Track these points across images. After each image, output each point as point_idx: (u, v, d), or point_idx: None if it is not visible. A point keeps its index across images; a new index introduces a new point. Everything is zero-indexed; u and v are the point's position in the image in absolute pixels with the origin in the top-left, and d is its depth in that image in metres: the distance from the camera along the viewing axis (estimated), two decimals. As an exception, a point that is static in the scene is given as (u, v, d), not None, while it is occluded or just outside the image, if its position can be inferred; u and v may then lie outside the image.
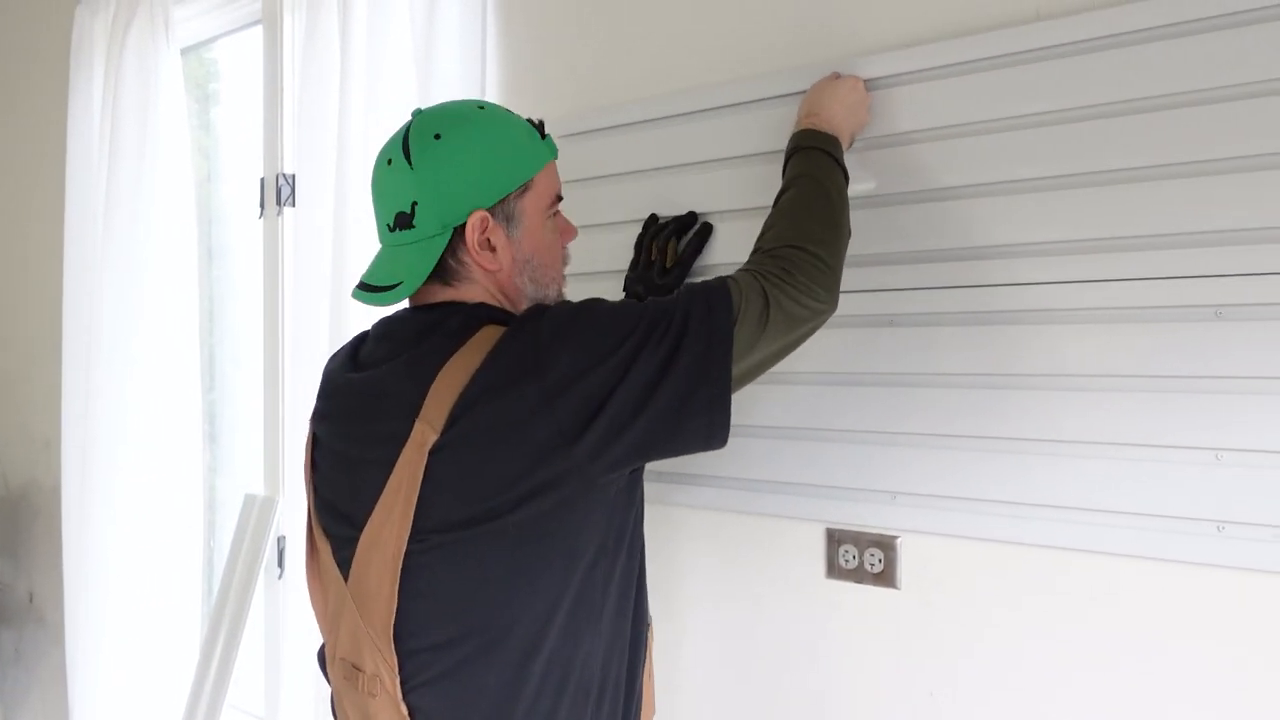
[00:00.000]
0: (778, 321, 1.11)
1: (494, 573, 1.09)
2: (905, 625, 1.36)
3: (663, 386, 1.06)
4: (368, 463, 1.14)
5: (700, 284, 1.13)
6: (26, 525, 3.18)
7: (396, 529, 1.09)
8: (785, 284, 1.13)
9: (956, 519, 1.30)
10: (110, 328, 2.52)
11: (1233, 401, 1.11)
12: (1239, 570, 1.12)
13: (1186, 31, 1.13)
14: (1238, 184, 1.10)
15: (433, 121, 1.17)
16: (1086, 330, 1.20)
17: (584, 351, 1.06)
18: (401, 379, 1.12)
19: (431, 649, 1.11)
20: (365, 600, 1.13)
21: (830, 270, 1.17)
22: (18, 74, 3.17)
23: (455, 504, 1.08)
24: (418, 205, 1.14)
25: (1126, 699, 1.20)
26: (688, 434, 1.09)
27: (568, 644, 1.13)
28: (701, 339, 1.07)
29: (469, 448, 1.06)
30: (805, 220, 1.20)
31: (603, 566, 1.15)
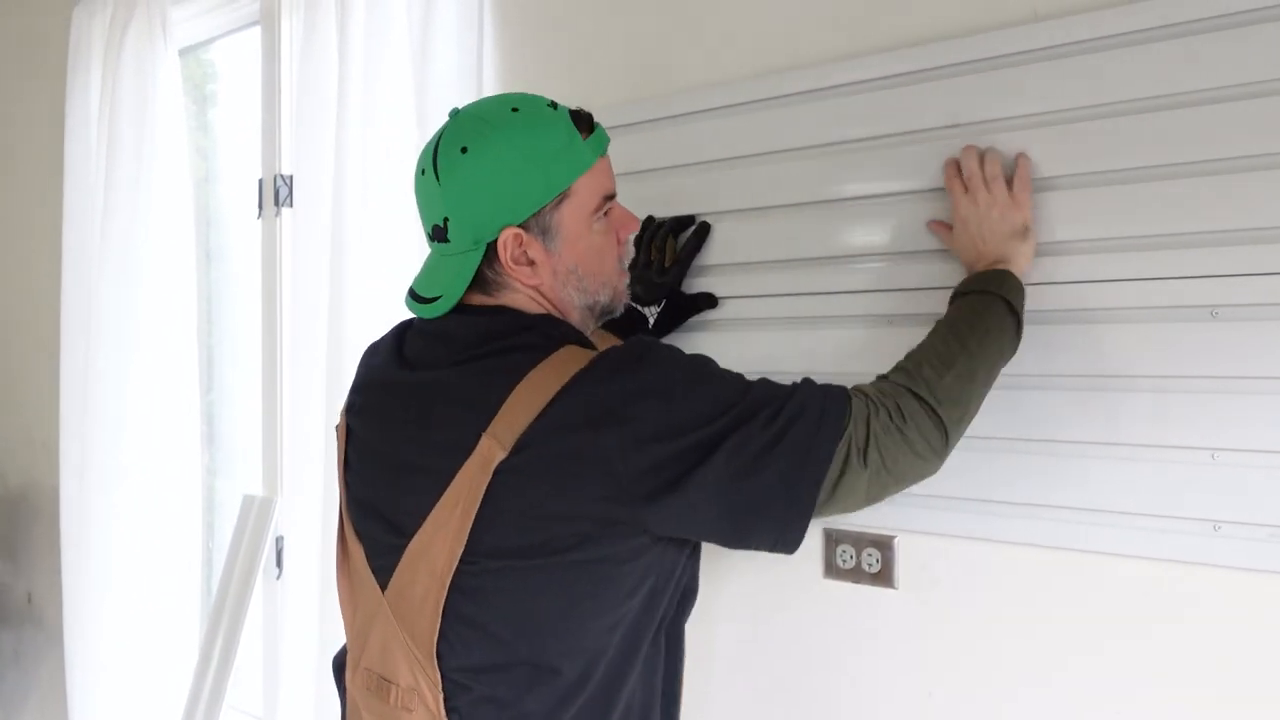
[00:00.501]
0: (879, 473, 1.04)
1: (546, 606, 1.05)
2: (903, 625, 1.36)
3: (743, 486, 1.00)
4: (420, 469, 1.09)
5: (820, 387, 1.06)
6: (25, 526, 3.18)
7: (449, 545, 1.04)
8: (901, 435, 1.05)
9: (953, 519, 1.30)
10: (108, 329, 2.52)
11: (1228, 401, 1.11)
12: (1235, 569, 1.12)
13: (1185, 32, 1.13)
14: (1233, 184, 1.11)
15: (463, 130, 1.11)
16: (1082, 330, 1.20)
17: (677, 414, 1.01)
18: (471, 387, 1.07)
19: (472, 671, 1.07)
20: (407, 613, 1.09)
21: (948, 447, 1.09)
22: (15, 75, 3.16)
23: (513, 531, 1.03)
24: (449, 221, 1.10)
25: (1123, 698, 1.20)
26: (753, 542, 1.05)
27: (615, 677, 1.10)
28: (799, 452, 1.01)
29: (536, 476, 1.01)
30: (955, 376, 1.09)
31: (654, 604, 1.12)
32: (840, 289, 1.38)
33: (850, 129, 1.37)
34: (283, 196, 2.22)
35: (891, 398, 1.06)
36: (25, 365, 3.16)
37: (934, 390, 1.07)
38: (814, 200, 1.40)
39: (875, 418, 1.04)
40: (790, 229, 1.42)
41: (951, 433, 1.07)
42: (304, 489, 2.05)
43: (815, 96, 1.40)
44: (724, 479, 1.00)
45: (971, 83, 1.27)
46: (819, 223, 1.40)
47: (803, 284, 1.41)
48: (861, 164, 1.36)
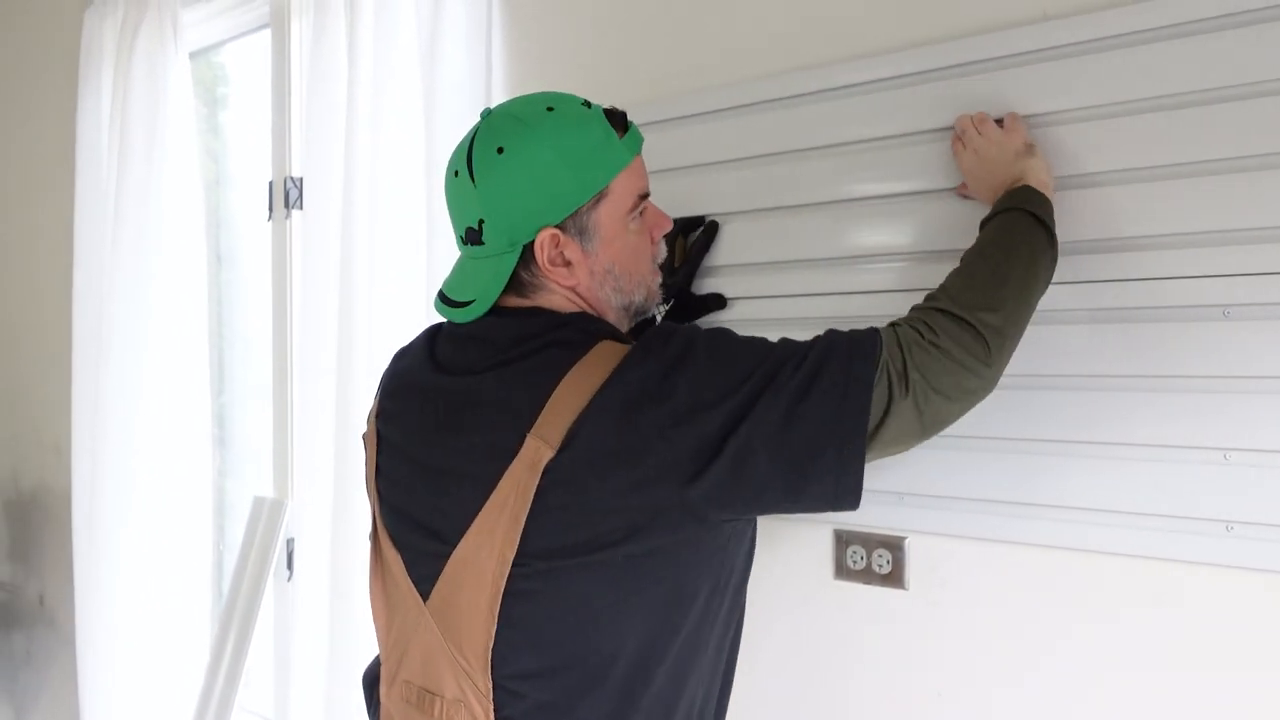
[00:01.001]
0: (926, 394, 1.01)
1: (599, 606, 1.03)
2: (913, 626, 1.36)
3: (787, 439, 0.98)
4: (461, 475, 1.07)
5: (843, 332, 1.04)
6: (37, 528, 3.20)
7: (499, 550, 1.02)
8: (936, 348, 1.02)
9: (964, 519, 1.30)
10: (120, 332, 2.53)
11: (1241, 401, 1.11)
12: (1248, 570, 1.11)
13: (1194, 31, 1.12)
14: (1245, 183, 1.10)
15: (498, 130, 1.09)
16: (1094, 330, 1.20)
17: (708, 383, 1.00)
18: (510, 389, 1.05)
19: (524, 678, 1.05)
20: (453, 622, 1.06)
21: (995, 354, 1.05)
22: (27, 78, 3.18)
23: (564, 529, 1.01)
24: (484, 223, 1.08)
25: (1135, 699, 1.19)
26: (811, 495, 1.00)
27: (674, 683, 1.07)
28: (838, 389, 0.98)
29: (583, 471, 1.00)
30: (982, 283, 1.08)
31: (713, 605, 1.10)
32: (853, 289, 1.37)
33: (861, 129, 1.36)
34: (293, 199, 2.22)
35: (919, 319, 1.04)
36: (37, 368, 3.17)
37: (960, 301, 1.05)
38: (826, 201, 1.40)
39: (904, 339, 1.02)
40: (802, 230, 1.42)
41: (992, 341, 1.03)
42: (315, 491, 2.05)
43: (825, 97, 1.39)
44: (767, 434, 0.98)
45: (982, 82, 1.27)
46: (831, 223, 1.39)
47: (814, 285, 1.41)
48: (873, 164, 1.36)
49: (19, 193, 3.23)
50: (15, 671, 3.30)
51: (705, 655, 1.10)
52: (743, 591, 1.17)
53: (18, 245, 3.25)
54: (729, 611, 1.14)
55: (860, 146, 1.36)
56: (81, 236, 2.71)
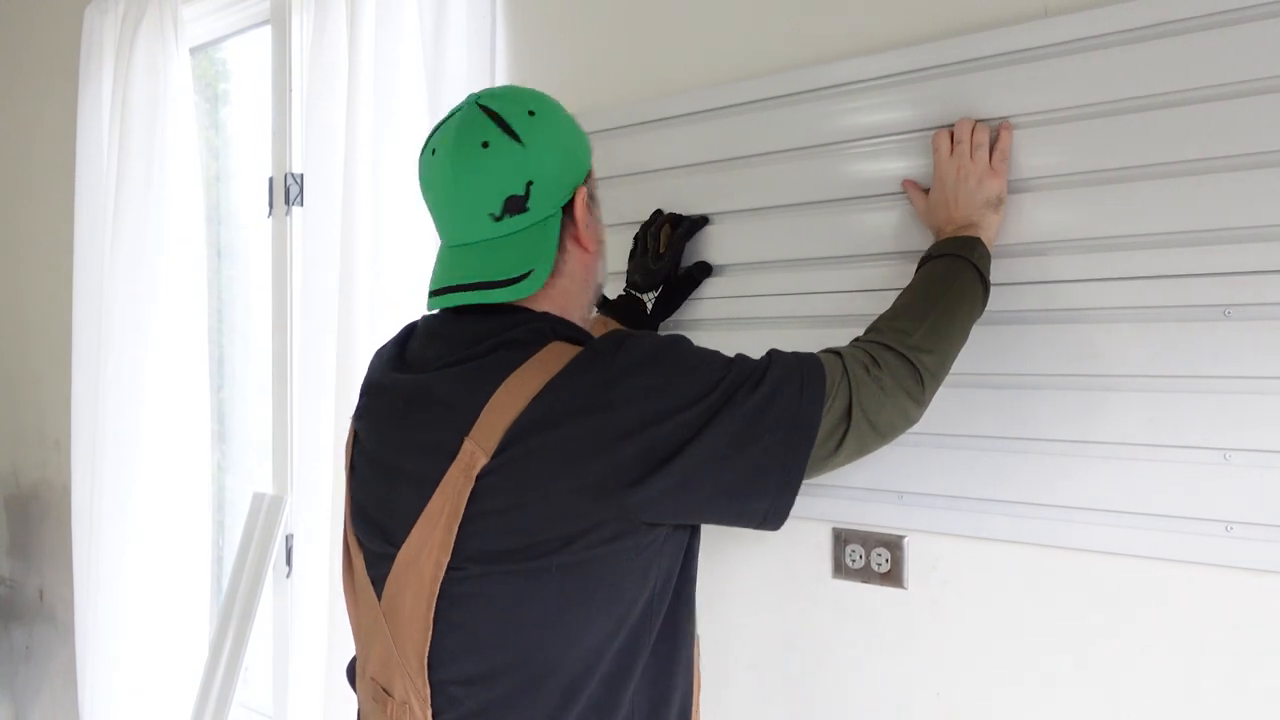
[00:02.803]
0: (860, 426, 1.05)
1: (535, 612, 1.02)
2: (912, 625, 1.36)
3: (735, 461, 1.00)
4: (407, 475, 1.06)
5: (793, 355, 1.06)
6: (37, 523, 3.20)
7: (435, 554, 1.01)
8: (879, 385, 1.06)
9: (963, 519, 1.30)
10: (120, 327, 2.53)
11: (1241, 401, 1.10)
12: (1247, 570, 1.11)
13: (1195, 28, 1.12)
14: (1246, 181, 1.10)
15: (513, 100, 1.08)
16: (1093, 330, 1.20)
17: (660, 396, 0.99)
18: (454, 388, 1.04)
19: (463, 683, 1.04)
20: (398, 624, 1.06)
21: (926, 394, 1.11)
22: (27, 74, 3.18)
23: (499, 535, 1.00)
24: (533, 185, 1.05)
25: (1133, 699, 1.19)
26: (747, 514, 1.04)
27: (610, 692, 1.05)
28: (789, 417, 1.01)
29: (520, 477, 0.98)
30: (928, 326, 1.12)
31: (651, 613, 1.08)
32: (845, 288, 1.37)
33: (856, 127, 1.36)
34: (293, 195, 2.22)
35: (865, 352, 1.08)
36: (37, 364, 3.17)
37: (906, 340, 1.09)
38: (822, 200, 1.39)
39: (852, 373, 1.05)
40: (797, 228, 1.42)
41: (928, 382, 1.10)
42: (314, 487, 2.05)
43: (822, 95, 1.39)
44: (717, 454, 0.99)
45: (980, 79, 1.26)
46: (825, 222, 1.39)
47: (805, 284, 1.42)
48: (867, 162, 1.36)
49: (19, 189, 3.23)
50: (15, 667, 3.30)
51: (641, 662, 1.08)
52: (686, 600, 1.13)
53: (18, 241, 3.25)
54: (670, 620, 1.11)
55: (857, 145, 1.36)
56: (82, 232, 2.72)
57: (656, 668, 1.10)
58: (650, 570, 1.06)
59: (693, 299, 1.53)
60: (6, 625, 3.31)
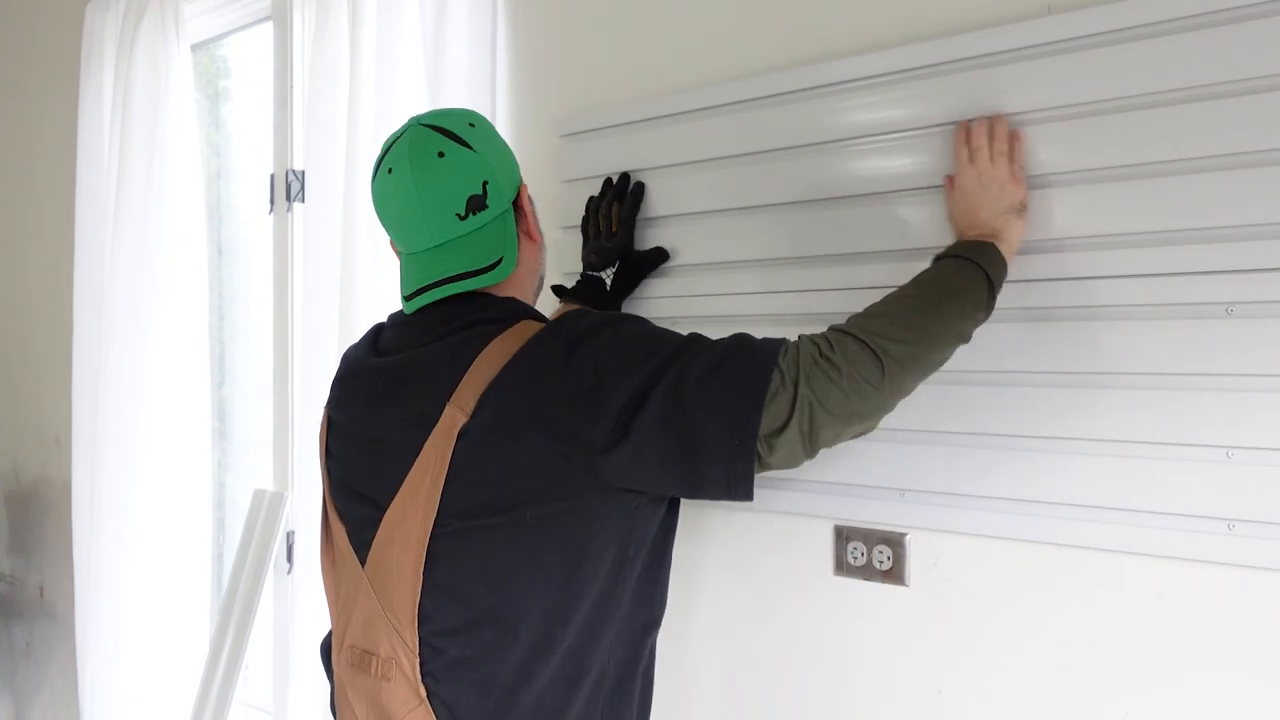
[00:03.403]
0: (807, 406, 1.03)
1: (510, 564, 1.10)
2: (913, 623, 1.36)
3: (685, 421, 1.03)
4: (393, 445, 1.15)
5: (747, 335, 1.10)
6: (37, 520, 3.20)
7: (422, 512, 1.10)
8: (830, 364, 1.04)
9: (965, 516, 1.30)
10: (120, 324, 2.53)
11: (1244, 399, 1.10)
12: (1249, 568, 1.11)
13: (1199, 25, 1.12)
14: (1250, 179, 1.10)
15: (452, 117, 1.21)
16: (1096, 327, 1.19)
17: (613, 362, 1.06)
18: (437, 363, 1.13)
19: (447, 634, 1.12)
20: (385, 582, 1.14)
21: (888, 382, 1.05)
22: (29, 71, 3.18)
23: (477, 490, 1.09)
24: (489, 183, 1.18)
25: (1136, 697, 1.19)
26: (707, 480, 1.05)
27: (585, 641, 1.14)
28: (734, 381, 1.03)
29: (494, 434, 1.07)
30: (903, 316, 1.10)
31: (625, 571, 1.16)
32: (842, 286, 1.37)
33: (854, 125, 1.36)
34: (294, 192, 2.22)
35: (823, 335, 1.08)
36: (38, 360, 3.17)
37: (869, 327, 1.07)
38: (824, 198, 1.39)
39: (803, 353, 1.05)
40: (797, 225, 1.42)
41: (889, 368, 1.05)
42: (315, 484, 2.05)
43: (825, 93, 1.39)
44: (664, 415, 1.04)
45: (982, 77, 1.26)
46: (827, 220, 1.39)
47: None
48: (865, 161, 1.35)
49: (20, 186, 3.23)
50: (15, 663, 3.30)
51: (617, 618, 1.16)
52: (661, 564, 1.23)
53: (19, 238, 3.25)
54: (643, 580, 1.19)
55: (855, 143, 1.36)
56: (82, 230, 2.71)
57: (632, 629, 1.19)
58: (621, 533, 1.14)
59: (685, 296, 1.53)
60: (7, 622, 3.31)
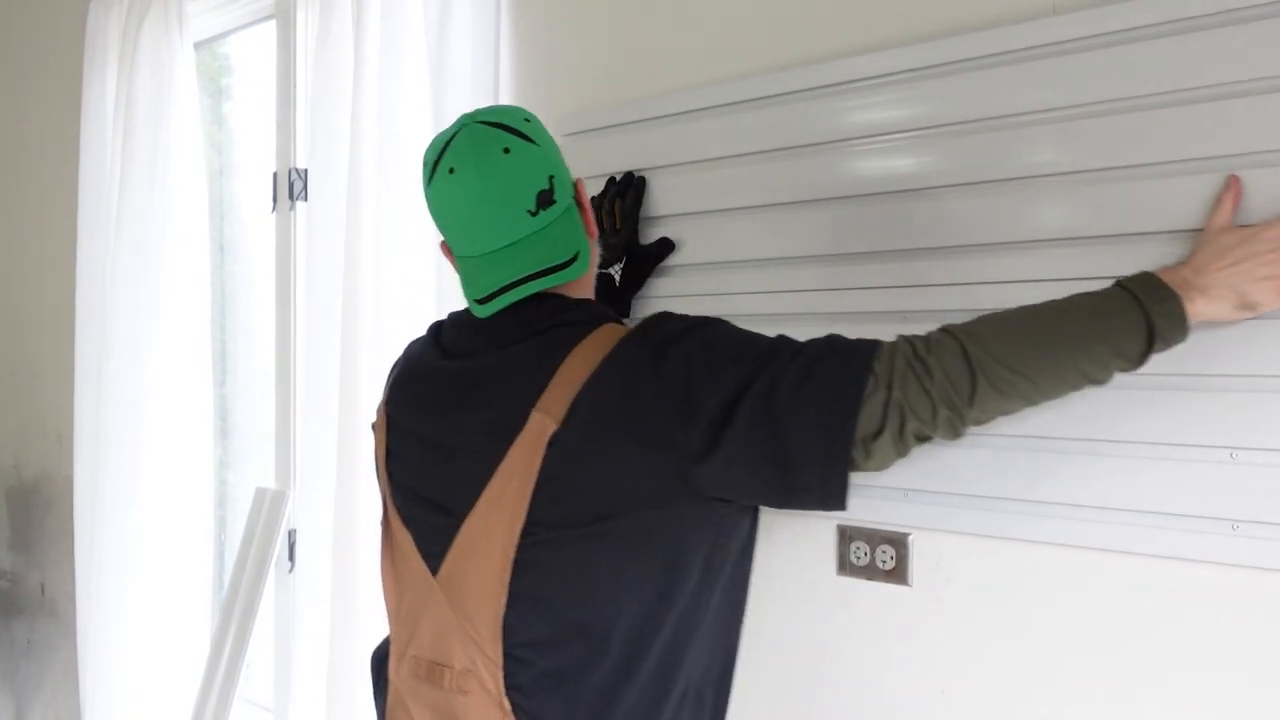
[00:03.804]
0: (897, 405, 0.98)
1: (600, 575, 1.07)
2: (917, 622, 1.36)
3: (776, 431, 0.99)
4: (469, 452, 1.12)
5: (846, 338, 1.05)
6: (39, 517, 3.20)
7: (507, 521, 1.07)
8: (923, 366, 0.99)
9: (969, 516, 1.29)
10: (123, 322, 2.53)
11: (1248, 400, 1.10)
12: (1253, 569, 1.11)
13: (1194, 28, 1.12)
14: (1254, 181, 1.09)
15: (507, 113, 1.16)
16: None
17: (704, 367, 1.03)
18: (518, 367, 1.10)
19: (531, 645, 1.08)
20: (462, 593, 1.11)
21: (977, 403, 0.98)
22: (32, 69, 3.18)
23: (568, 499, 1.06)
24: (554, 178, 1.14)
25: (1140, 697, 1.19)
26: (799, 489, 1.01)
27: (673, 654, 1.10)
28: (829, 386, 0.99)
29: (586, 442, 1.05)
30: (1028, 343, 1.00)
31: (712, 582, 1.12)
32: (853, 285, 1.37)
33: (859, 125, 1.36)
34: (297, 190, 2.22)
35: (929, 335, 1.02)
36: (40, 357, 3.18)
37: (982, 339, 0.99)
38: (828, 197, 1.39)
39: (899, 350, 1.00)
40: (802, 225, 1.42)
41: (980, 393, 0.97)
42: (317, 483, 2.05)
43: (823, 94, 1.39)
44: (757, 422, 1.00)
45: (985, 78, 1.26)
46: (830, 220, 1.39)
47: (803, 282, 1.42)
48: (871, 160, 1.35)
49: (23, 183, 3.23)
50: (16, 661, 3.30)
51: (702, 630, 1.13)
52: (743, 573, 1.20)
53: (21, 235, 3.25)
54: (726, 590, 1.16)
55: (860, 143, 1.36)
56: (85, 227, 2.72)
57: (713, 638, 1.16)
58: (709, 543, 1.10)
59: (693, 295, 1.53)
60: (8, 619, 3.31)
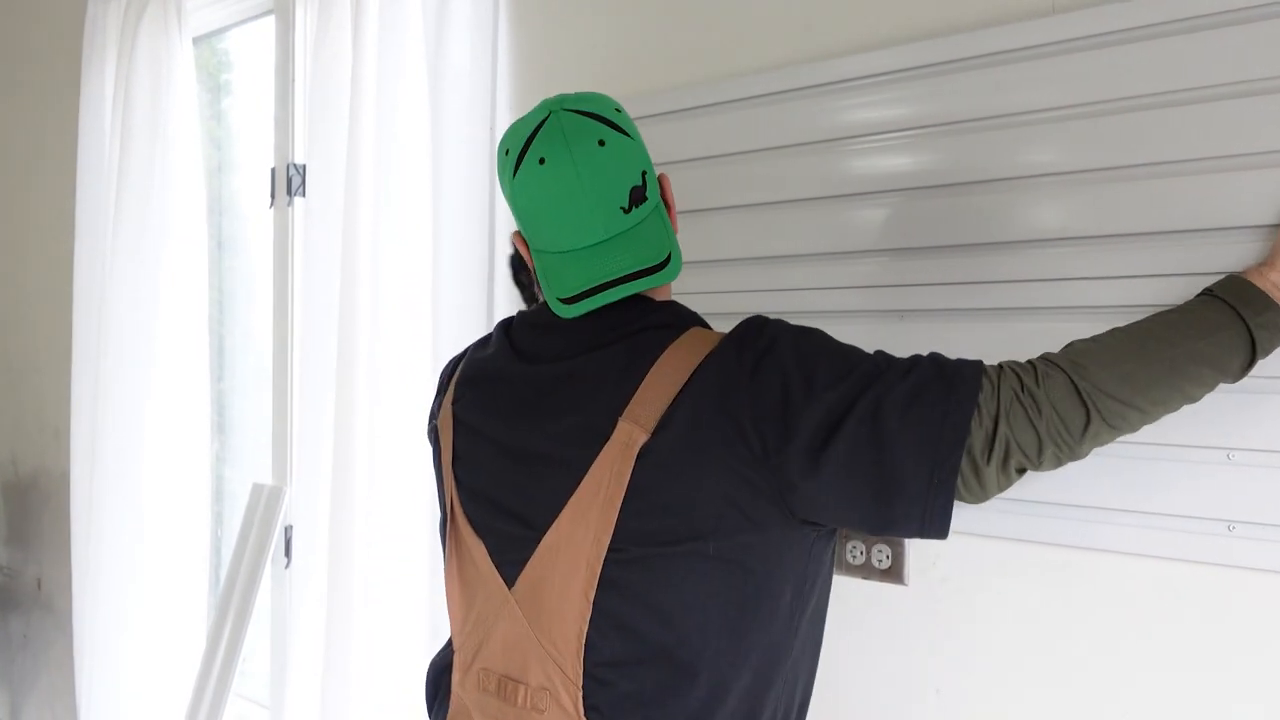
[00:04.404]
0: (1004, 441, 0.95)
1: (689, 597, 1.01)
2: (912, 622, 1.36)
3: (882, 453, 0.94)
4: (551, 459, 1.06)
5: (940, 356, 1.00)
6: (36, 512, 3.20)
7: (593, 535, 1.01)
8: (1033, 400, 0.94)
9: (964, 515, 1.28)
10: (120, 317, 2.53)
11: (1245, 401, 1.10)
12: (1249, 570, 1.11)
13: (1196, 27, 1.12)
14: (1249, 181, 1.09)
15: (597, 102, 1.09)
16: (1097, 327, 1.18)
17: (805, 379, 0.97)
18: (604, 372, 1.04)
19: (613, 666, 1.03)
20: (541, 608, 1.05)
21: (1090, 438, 0.96)
22: (31, 64, 3.17)
23: (657, 515, 1.00)
24: (646, 173, 1.07)
25: (1133, 697, 1.19)
26: (899, 516, 0.96)
27: (760, 683, 1.05)
28: (938, 411, 0.94)
29: (678, 456, 0.99)
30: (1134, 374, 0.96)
31: (799, 609, 1.07)
32: (851, 284, 1.37)
33: (858, 124, 1.36)
34: (295, 186, 2.22)
35: (1035, 366, 0.97)
36: (38, 353, 3.17)
37: (1092, 373, 0.95)
38: (826, 195, 1.39)
39: (1005, 381, 0.95)
40: (802, 223, 1.42)
41: (1094, 428, 0.95)
42: (313, 479, 2.05)
43: (823, 91, 1.39)
44: (859, 446, 0.95)
45: (984, 77, 1.26)
46: (830, 218, 1.39)
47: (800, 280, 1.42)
48: (872, 159, 1.35)
49: (21, 178, 3.23)
50: (12, 655, 3.30)
51: (790, 658, 1.08)
52: (824, 602, 1.14)
53: (20, 230, 3.24)
54: (811, 622, 1.11)
55: (860, 141, 1.36)
56: (83, 222, 2.71)
57: (799, 667, 1.10)
58: (798, 569, 1.05)
59: (687, 293, 1.51)
60: (4, 614, 3.31)
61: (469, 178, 1.78)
